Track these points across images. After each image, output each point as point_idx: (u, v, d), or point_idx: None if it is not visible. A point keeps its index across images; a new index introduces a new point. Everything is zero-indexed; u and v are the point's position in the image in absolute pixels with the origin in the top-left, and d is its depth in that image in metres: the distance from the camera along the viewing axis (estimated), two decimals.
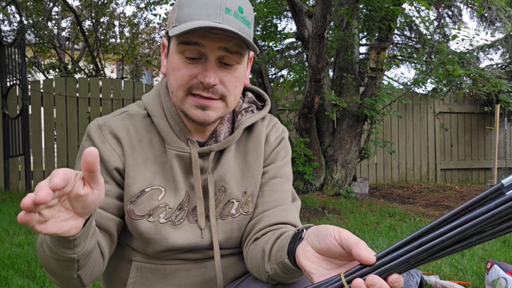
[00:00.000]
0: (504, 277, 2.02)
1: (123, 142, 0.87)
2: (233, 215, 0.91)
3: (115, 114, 0.92)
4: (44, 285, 2.28)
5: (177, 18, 0.79)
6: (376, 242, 3.15)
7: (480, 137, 7.55)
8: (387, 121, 6.99)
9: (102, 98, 6.03)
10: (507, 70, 7.36)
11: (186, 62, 0.80)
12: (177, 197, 0.87)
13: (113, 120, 0.90)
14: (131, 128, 0.89)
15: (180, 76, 0.81)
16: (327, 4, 4.33)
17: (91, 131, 0.88)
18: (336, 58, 5.86)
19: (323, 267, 0.63)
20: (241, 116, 0.94)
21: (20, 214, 0.52)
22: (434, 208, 4.77)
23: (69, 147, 5.88)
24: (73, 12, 8.47)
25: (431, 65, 5.61)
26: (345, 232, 0.61)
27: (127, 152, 0.87)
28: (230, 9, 0.77)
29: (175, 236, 0.86)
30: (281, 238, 0.77)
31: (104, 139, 0.87)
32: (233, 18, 0.77)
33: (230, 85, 0.82)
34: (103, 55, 9.59)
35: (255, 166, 0.93)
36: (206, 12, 0.76)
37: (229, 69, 0.82)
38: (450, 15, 8.62)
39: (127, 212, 0.86)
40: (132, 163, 0.86)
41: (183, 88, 0.81)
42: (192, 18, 0.76)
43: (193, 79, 0.80)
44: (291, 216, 0.90)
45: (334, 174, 5.33)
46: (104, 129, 0.88)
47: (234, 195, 0.91)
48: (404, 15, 5.17)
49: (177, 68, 0.81)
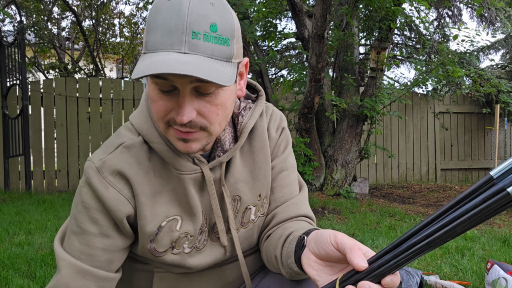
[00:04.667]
0: (504, 277, 2.02)
1: (131, 180, 0.80)
2: (253, 221, 0.90)
3: (110, 149, 0.82)
4: (44, 285, 2.27)
5: (145, 44, 0.70)
6: (376, 242, 3.15)
7: (480, 137, 7.55)
8: (387, 121, 6.99)
9: (102, 98, 6.03)
10: (507, 70, 7.36)
11: (160, 94, 0.72)
12: (195, 222, 0.84)
13: (112, 158, 0.81)
14: (133, 162, 0.81)
15: (157, 110, 0.73)
16: (327, 4, 4.33)
17: (90, 177, 0.79)
18: (336, 58, 5.86)
19: (326, 273, 0.66)
20: (242, 117, 0.89)
21: None
22: (434, 208, 4.77)
23: (69, 147, 5.88)
24: (73, 12, 8.48)
25: (431, 66, 5.61)
26: (341, 236, 0.62)
27: (137, 191, 0.80)
28: (199, 31, 0.66)
29: (201, 259, 0.86)
30: (288, 242, 0.78)
31: (107, 183, 0.79)
32: (202, 42, 0.66)
33: (210, 115, 0.73)
34: (103, 55, 9.59)
35: (265, 167, 0.90)
36: (170, 41, 0.66)
37: (207, 98, 0.71)
38: (450, 15, 8.62)
39: (148, 250, 0.83)
40: (143, 201, 0.80)
41: (162, 121, 0.74)
42: (156, 47, 0.67)
43: (169, 113, 0.73)
44: (303, 208, 0.91)
45: (334, 174, 5.33)
46: (103, 171, 0.79)
47: (250, 201, 0.89)
48: (404, 15, 5.17)
49: (154, 100, 0.73)
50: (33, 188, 5.63)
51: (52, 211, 4.23)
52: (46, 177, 5.78)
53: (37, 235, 3.28)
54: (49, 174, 5.80)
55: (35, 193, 5.51)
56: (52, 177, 5.81)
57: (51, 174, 5.81)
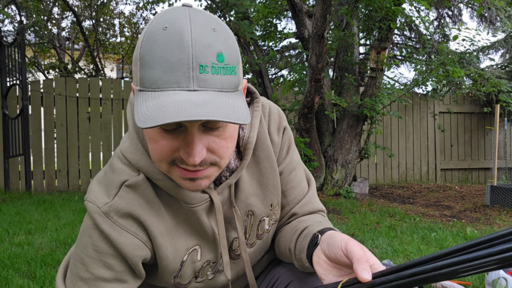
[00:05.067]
0: (504, 277, 2.02)
1: (145, 222, 0.74)
2: (267, 230, 0.90)
3: (112, 190, 0.75)
4: (44, 285, 2.27)
5: (141, 80, 0.61)
6: (376, 242, 3.15)
7: (480, 137, 7.55)
8: (387, 121, 6.99)
9: (102, 98, 6.03)
10: (507, 70, 7.36)
11: (163, 134, 0.64)
12: (215, 249, 0.83)
13: (119, 201, 0.74)
14: (142, 203, 0.75)
15: (160, 150, 0.66)
16: (327, 4, 4.33)
17: (100, 224, 0.72)
18: (336, 58, 5.86)
19: (333, 274, 0.68)
20: (242, 130, 0.83)
21: None
22: (434, 208, 4.77)
23: (69, 147, 5.88)
24: (73, 12, 8.47)
25: (431, 66, 5.61)
26: (352, 244, 0.64)
27: (153, 233, 0.75)
28: (206, 64, 0.59)
29: (223, 277, 0.88)
30: (302, 237, 0.80)
31: (120, 228, 0.73)
32: (211, 76, 0.60)
33: (220, 150, 0.67)
34: (103, 55, 9.59)
35: (272, 175, 0.86)
36: (175, 78, 0.58)
37: (216, 132, 0.65)
38: (450, 15, 8.62)
39: (172, 285, 0.82)
40: (162, 242, 0.76)
41: (165, 161, 0.67)
42: (158, 86, 0.59)
43: (175, 153, 0.65)
44: (316, 205, 0.93)
45: (334, 174, 5.33)
46: (112, 216, 0.73)
47: (263, 213, 0.87)
48: (404, 15, 5.17)
49: (155, 140, 0.65)
50: (33, 188, 5.63)
51: (52, 211, 4.23)
52: (46, 177, 5.78)
53: (37, 235, 3.28)
54: (49, 174, 5.80)
55: (35, 193, 5.51)
56: (52, 177, 5.81)
57: (51, 174, 5.81)
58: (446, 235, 3.38)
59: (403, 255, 2.86)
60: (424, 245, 3.11)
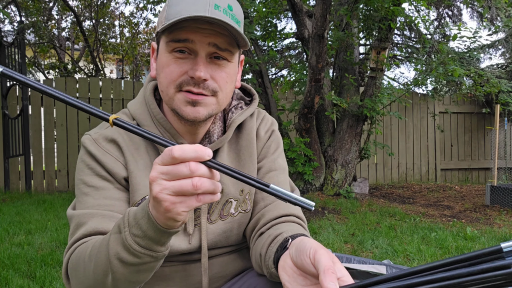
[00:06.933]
0: None
1: (124, 149, 0.86)
2: (233, 215, 0.91)
3: (105, 125, 0.90)
4: (44, 285, 2.28)
5: (167, 17, 0.76)
6: (376, 242, 3.15)
7: (480, 137, 7.55)
8: (387, 121, 6.99)
9: (102, 98, 6.04)
10: (507, 70, 7.36)
11: (176, 59, 0.78)
12: None
13: (106, 131, 0.87)
14: (125, 137, 0.87)
15: (170, 73, 0.78)
16: (327, 4, 4.33)
17: (88, 146, 0.85)
18: (336, 58, 5.86)
19: (298, 282, 0.63)
20: (232, 114, 0.93)
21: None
22: (434, 208, 4.78)
23: (69, 147, 5.88)
24: (73, 12, 8.48)
25: (431, 65, 5.61)
26: (320, 254, 0.59)
27: (128, 159, 0.85)
28: (220, 5, 0.75)
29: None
30: (274, 242, 0.77)
31: (104, 151, 0.85)
32: (222, 14, 0.74)
33: (221, 80, 0.80)
34: (103, 55, 9.59)
35: (249, 163, 0.93)
36: (195, 8, 0.73)
37: (219, 65, 0.80)
38: (450, 15, 8.62)
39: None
40: (134, 170, 0.85)
41: (173, 84, 0.79)
42: (181, 14, 0.74)
43: (183, 75, 0.78)
44: (293, 208, 0.90)
45: (334, 174, 5.33)
46: (100, 141, 0.86)
47: (231, 194, 0.90)
48: (404, 15, 5.17)
49: (167, 65, 0.79)
50: (33, 188, 5.63)
51: (52, 211, 4.23)
52: (46, 177, 5.78)
53: (37, 235, 3.28)
54: (49, 174, 5.80)
55: (35, 193, 5.51)
56: (52, 177, 5.81)
57: (51, 174, 5.81)
58: (446, 235, 3.38)
59: (403, 255, 2.86)
60: (424, 245, 3.11)
